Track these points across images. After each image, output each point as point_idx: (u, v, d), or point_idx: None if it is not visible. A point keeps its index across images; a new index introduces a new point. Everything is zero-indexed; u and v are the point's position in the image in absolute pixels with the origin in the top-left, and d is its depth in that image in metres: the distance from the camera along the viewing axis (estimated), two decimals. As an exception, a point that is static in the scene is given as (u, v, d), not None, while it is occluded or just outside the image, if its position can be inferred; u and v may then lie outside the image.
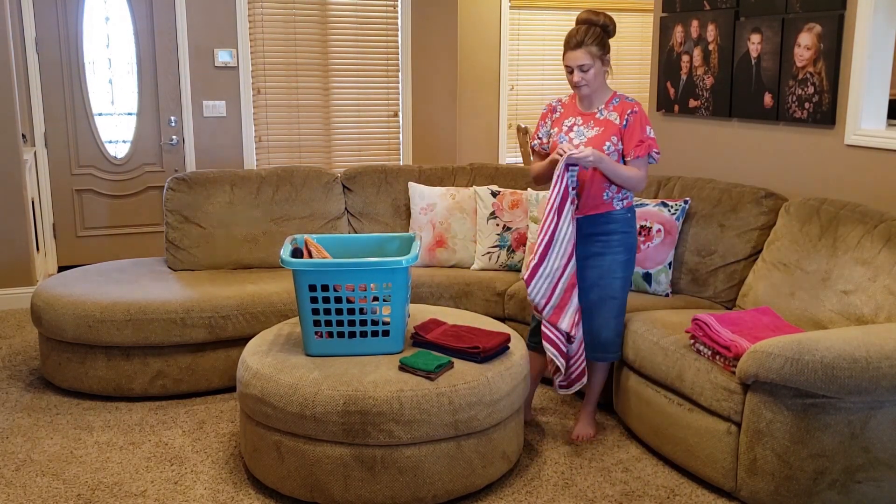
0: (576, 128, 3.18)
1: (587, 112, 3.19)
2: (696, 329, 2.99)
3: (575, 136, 3.16)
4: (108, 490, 2.93)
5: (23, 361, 4.19)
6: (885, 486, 2.66)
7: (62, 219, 5.80)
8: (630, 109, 3.12)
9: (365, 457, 2.70)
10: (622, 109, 3.14)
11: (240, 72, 5.94)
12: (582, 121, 3.18)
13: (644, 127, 3.12)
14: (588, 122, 3.16)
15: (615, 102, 3.16)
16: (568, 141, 3.17)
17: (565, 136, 3.19)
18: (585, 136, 3.15)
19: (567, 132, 3.19)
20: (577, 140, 3.15)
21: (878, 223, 3.14)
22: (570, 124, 3.20)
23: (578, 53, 3.05)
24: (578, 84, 3.09)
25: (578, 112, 3.21)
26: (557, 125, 3.23)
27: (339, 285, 2.86)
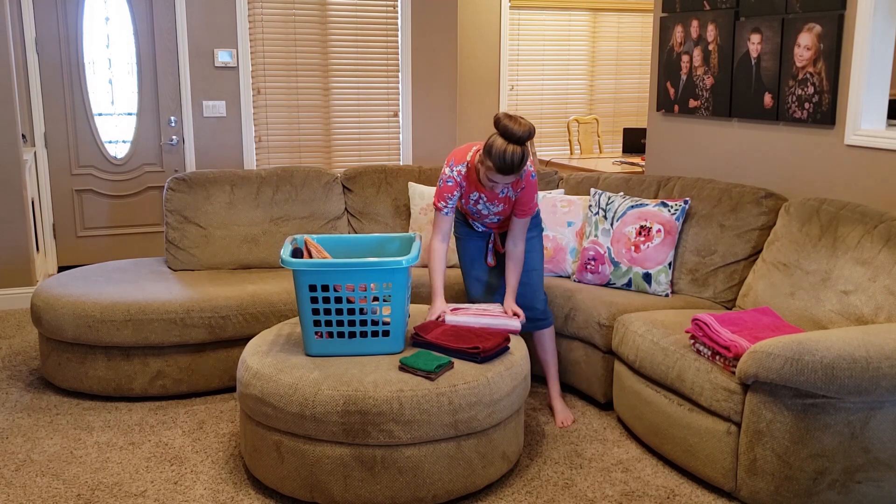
0: (481, 202, 3.34)
1: (488, 191, 3.28)
2: (695, 329, 2.99)
3: (482, 208, 3.35)
4: (108, 490, 2.93)
5: (23, 361, 4.19)
6: (885, 486, 2.66)
7: (62, 219, 5.81)
8: (520, 187, 3.25)
9: (365, 457, 2.70)
10: (515, 186, 3.26)
11: (240, 72, 5.94)
12: (487, 198, 3.32)
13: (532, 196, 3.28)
14: (493, 200, 3.32)
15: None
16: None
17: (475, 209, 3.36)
18: (493, 210, 3.36)
19: (475, 204, 3.36)
20: (484, 211, 3.36)
21: (878, 223, 3.14)
22: (476, 198, 3.34)
23: (510, 178, 3.08)
24: (494, 189, 3.16)
25: (480, 188, 3.29)
26: (464, 197, 3.37)
27: (339, 285, 2.86)
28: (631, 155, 6.93)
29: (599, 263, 3.87)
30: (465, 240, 3.57)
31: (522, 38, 8.08)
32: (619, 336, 3.38)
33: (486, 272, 3.59)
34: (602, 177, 4.32)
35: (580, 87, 8.41)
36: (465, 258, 3.58)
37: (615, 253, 3.85)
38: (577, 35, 8.28)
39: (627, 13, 8.41)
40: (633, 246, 3.82)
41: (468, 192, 3.33)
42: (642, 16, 8.44)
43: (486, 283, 3.58)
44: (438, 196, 3.30)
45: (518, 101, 8.20)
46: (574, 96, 8.40)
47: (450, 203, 3.29)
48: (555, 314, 3.74)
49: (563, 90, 8.36)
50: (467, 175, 3.28)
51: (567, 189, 4.37)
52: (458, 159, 3.29)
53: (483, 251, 3.57)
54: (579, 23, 8.26)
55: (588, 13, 8.27)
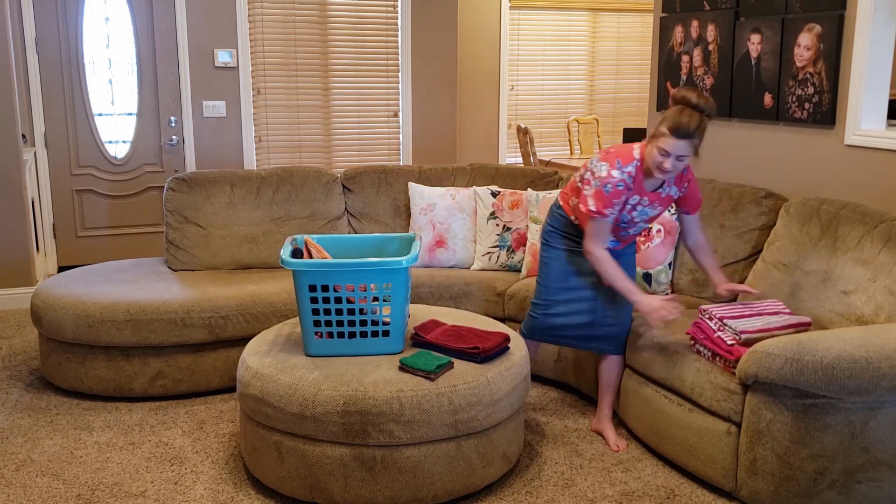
0: (640, 207, 3.07)
1: (650, 192, 3.06)
2: (696, 331, 2.99)
3: (638, 215, 3.09)
4: (108, 490, 2.93)
5: (23, 361, 4.19)
6: (885, 486, 2.66)
7: (62, 219, 5.81)
8: (686, 180, 3.10)
9: (365, 457, 2.70)
10: (680, 181, 3.09)
11: (240, 72, 5.94)
12: (648, 202, 3.07)
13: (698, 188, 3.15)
14: (653, 203, 3.08)
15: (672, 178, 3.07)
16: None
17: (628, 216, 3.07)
18: (648, 215, 3.12)
19: (631, 211, 3.07)
20: (638, 218, 3.10)
21: (878, 223, 3.14)
22: (635, 203, 3.05)
23: (683, 144, 2.85)
24: (666, 171, 2.90)
25: (644, 192, 3.04)
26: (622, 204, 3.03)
27: (339, 285, 2.86)
28: (631, 155, 6.92)
29: (599, 263, 3.87)
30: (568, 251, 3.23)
31: (522, 38, 8.07)
32: (619, 336, 3.37)
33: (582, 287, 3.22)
34: (602, 177, 4.31)
35: (580, 87, 8.41)
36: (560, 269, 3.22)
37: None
38: (577, 35, 8.28)
39: (627, 13, 8.41)
40: (633, 246, 3.82)
41: (629, 198, 3.02)
42: (642, 16, 8.44)
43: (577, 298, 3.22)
44: (604, 202, 2.96)
45: (518, 101, 8.20)
46: (574, 96, 8.40)
47: (616, 207, 2.98)
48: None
49: (563, 90, 8.36)
50: (636, 176, 2.98)
51: (567, 189, 4.37)
52: (625, 159, 2.98)
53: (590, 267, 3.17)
54: (579, 23, 8.25)
55: (588, 13, 8.27)
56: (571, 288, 3.23)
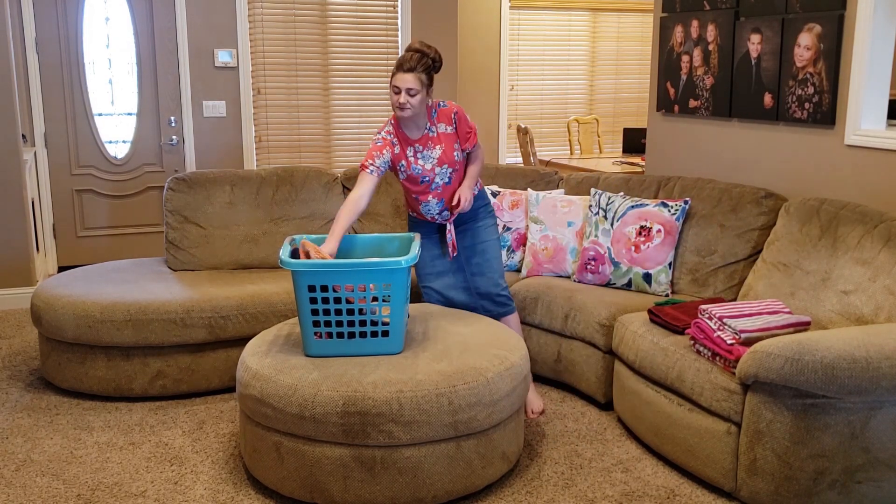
0: (419, 154, 3.38)
1: (419, 137, 3.37)
2: (696, 331, 2.99)
3: (424, 161, 3.37)
4: (108, 490, 2.93)
5: (23, 361, 4.19)
6: (885, 486, 2.66)
7: (62, 219, 5.81)
8: (452, 112, 3.40)
9: (364, 457, 2.70)
10: (446, 117, 3.39)
11: (240, 72, 5.94)
12: (421, 146, 3.37)
13: (467, 120, 3.44)
14: (427, 145, 3.38)
15: (434, 114, 3.38)
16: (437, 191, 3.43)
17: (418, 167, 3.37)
18: (434, 157, 3.38)
19: (415, 161, 3.38)
20: (428, 164, 3.38)
21: (878, 223, 3.14)
22: (412, 153, 3.38)
23: (409, 77, 3.22)
24: (403, 106, 3.25)
25: (411, 141, 3.37)
26: (403, 158, 3.38)
27: (339, 285, 2.86)
28: (631, 155, 6.93)
29: (600, 263, 3.87)
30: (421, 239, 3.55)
31: (522, 38, 8.07)
32: (619, 336, 3.38)
33: (445, 266, 3.58)
34: (602, 177, 4.32)
35: (580, 87, 8.41)
36: (423, 256, 3.56)
37: (615, 253, 3.85)
38: (577, 35, 8.28)
39: (627, 13, 8.41)
40: (633, 246, 3.82)
41: (403, 152, 3.36)
42: (642, 16, 8.44)
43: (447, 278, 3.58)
44: (367, 157, 3.34)
45: (518, 101, 8.20)
46: (574, 96, 8.40)
47: (377, 161, 3.32)
48: (555, 314, 3.74)
49: (563, 90, 8.36)
50: (396, 133, 3.37)
51: (567, 189, 4.37)
52: (383, 126, 3.42)
53: (439, 246, 3.57)
54: (579, 23, 8.25)
55: (588, 13, 8.27)
56: (439, 272, 3.58)
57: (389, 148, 3.36)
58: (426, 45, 3.28)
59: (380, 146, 3.34)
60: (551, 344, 3.81)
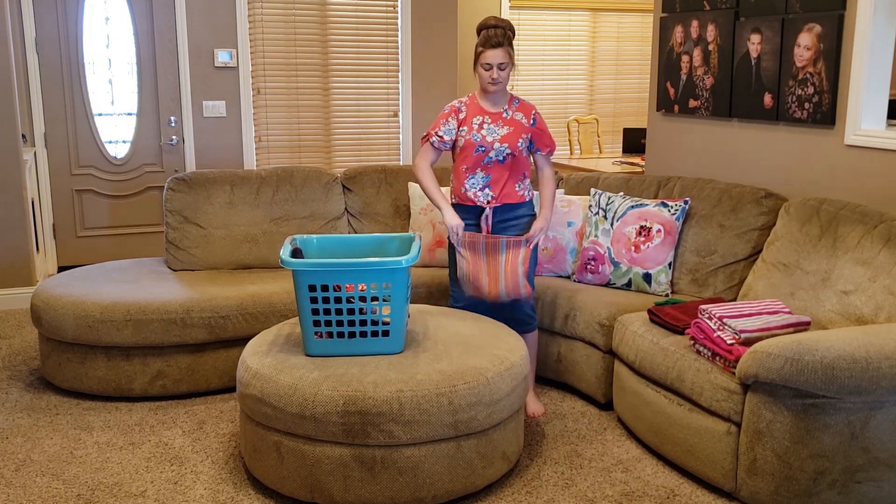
0: (485, 126, 3.41)
1: (493, 111, 3.43)
2: (696, 331, 2.99)
3: (487, 133, 3.40)
4: (108, 490, 2.93)
5: (23, 361, 4.19)
6: (885, 486, 2.66)
7: (62, 219, 5.81)
8: (533, 110, 3.48)
9: (365, 457, 2.70)
10: (526, 110, 3.46)
11: (240, 72, 5.94)
12: (490, 119, 3.42)
13: (547, 128, 3.53)
14: (497, 121, 3.42)
15: (516, 104, 3.46)
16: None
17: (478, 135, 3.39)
18: (498, 134, 3.41)
19: (479, 129, 3.41)
20: (489, 137, 3.39)
21: (878, 223, 3.14)
22: (479, 122, 3.41)
23: (499, 52, 3.31)
24: (496, 81, 3.34)
25: (484, 111, 3.43)
26: (466, 124, 3.42)
27: (339, 285, 2.86)
28: (631, 155, 6.93)
29: (599, 263, 3.88)
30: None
31: (522, 38, 8.07)
32: (619, 336, 3.38)
33: None
34: (602, 177, 4.32)
35: (580, 87, 8.41)
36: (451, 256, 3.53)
37: (615, 253, 3.85)
38: (577, 35, 8.28)
39: (627, 13, 8.41)
40: (633, 246, 3.82)
41: (470, 118, 3.40)
42: (642, 16, 8.44)
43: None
44: (434, 124, 3.43)
45: (518, 101, 8.19)
46: (574, 96, 8.40)
47: (444, 129, 3.40)
48: (555, 314, 3.74)
49: (563, 90, 8.36)
50: (470, 103, 3.43)
51: (567, 189, 4.37)
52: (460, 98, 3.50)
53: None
54: (579, 23, 8.25)
55: (588, 13, 8.27)
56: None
57: (455, 115, 3.42)
58: (500, 18, 3.35)
59: (446, 113, 3.42)
60: (551, 344, 3.81)
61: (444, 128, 3.41)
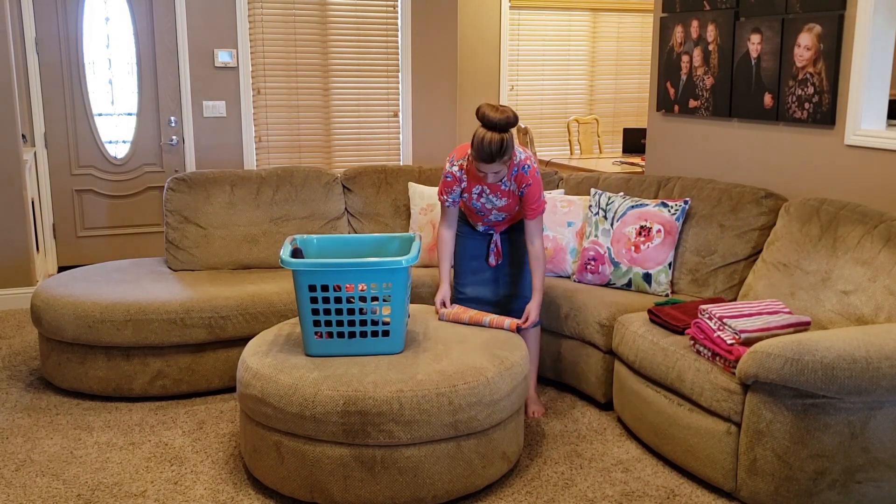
0: (484, 195, 3.38)
1: (491, 182, 3.32)
2: (696, 331, 2.99)
3: (486, 202, 3.39)
4: (108, 490, 2.93)
5: (23, 361, 4.19)
6: (885, 486, 2.66)
7: (62, 219, 5.81)
8: (525, 183, 3.32)
9: (365, 457, 2.70)
10: (519, 182, 3.33)
11: (240, 72, 5.94)
12: (489, 190, 3.36)
13: (538, 196, 3.35)
14: (496, 192, 3.36)
15: (514, 173, 3.31)
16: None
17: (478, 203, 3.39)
18: (497, 204, 3.40)
19: (478, 199, 3.39)
20: (488, 205, 3.39)
21: (878, 223, 3.14)
22: (479, 192, 3.38)
23: (494, 166, 3.16)
24: (489, 181, 3.26)
25: (483, 182, 3.34)
26: (466, 192, 3.40)
27: (339, 285, 2.86)
28: (631, 155, 6.93)
29: (599, 264, 3.88)
30: (465, 237, 3.57)
31: (522, 38, 8.07)
32: (619, 336, 3.38)
33: (484, 268, 3.58)
34: (602, 177, 4.32)
35: (580, 87, 8.41)
36: (464, 253, 3.57)
37: (615, 253, 3.85)
38: (577, 35, 8.28)
39: (627, 13, 8.41)
40: (633, 246, 3.82)
41: (470, 187, 3.38)
42: (642, 16, 8.44)
43: (481, 278, 3.57)
44: (441, 190, 3.42)
45: (518, 101, 8.19)
46: (574, 96, 8.40)
47: (451, 197, 3.41)
48: (555, 314, 3.74)
49: (563, 90, 8.36)
50: (468, 169, 3.36)
51: (567, 189, 4.37)
52: (458, 155, 3.39)
53: (484, 250, 3.57)
54: (579, 23, 8.25)
55: (588, 13, 8.27)
56: (474, 270, 3.56)
57: (458, 184, 3.37)
58: (501, 110, 3.07)
59: (449, 182, 3.37)
60: (551, 344, 3.82)
61: (450, 196, 3.40)
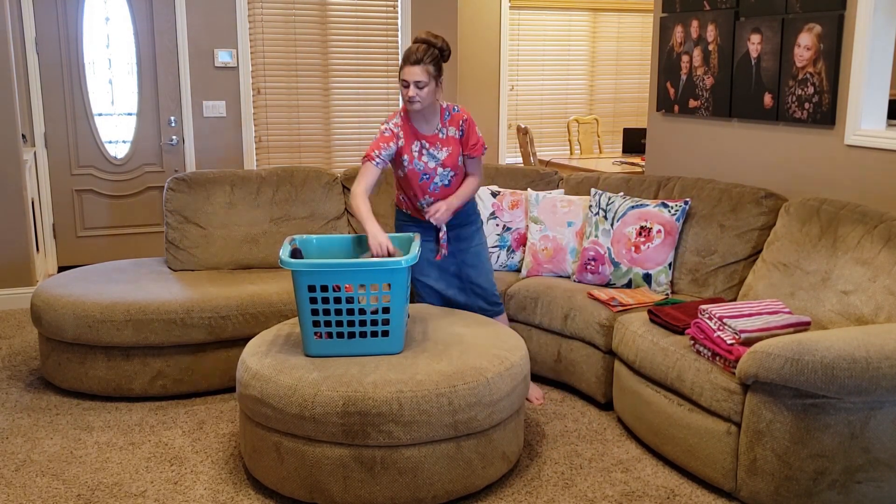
0: (425, 152, 3.37)
1: (429, 134, 3.37)
2: (696, 331, 2.99)
3: (428, 160, 3.37)
4: (108, 490, 2.93)
5: (23, 361, 4.19)
6: (885, 486, 2.66)
7: (62, 219, 5.81)
8: (461, 119, 3.39)
9: (364, 458, 2.70)
10: (456, 122, 3.38)
11: (240, 72, 5.94)
12: (428, 144, 3.37)
13: (476, 132, 3.42)
14: (435, 144, 3.37)
15: (447, 117, 3.38)
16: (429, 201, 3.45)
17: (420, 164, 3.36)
18: (439, 158, 3.38)
19: (419, 157, 3.37)
20: (431, 163, 3.37)
21: (878, 223, 3.14)
22: (419, 149, 3.36)
23: (416, 70, 3.20)
24: (412, 99, 3.24)
25: (420, 135, 3.36)
26: (406, 152, 3.36)
27: (339, 285, 2.86)
28: (631, 155, 6.93)
29: (600, 264, 3.87)
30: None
31: (522, 38, 8.07)
32: (619, 336, 3.38)
33: (438, 278, 3.58)
34: (602, 177, 4.32)
35: (580, 87, 8.41)
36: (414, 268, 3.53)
37: (615, 253, 3.85)
38: (577, 35, 8.28)
39: (627, 13, 8.41)
40: (633, 246, 3.82)
41: (408, 145, 3.34)
42: (642, 16, 8.44)
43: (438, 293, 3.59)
44: (372, 146, 3.30)
45: (518, 101, 8.20)
46: (574, 96, 8.40)
47: (383, 153, 3.29)
48: (555, 314, 3.74)
49: (563, 90, 8.36)
50: (404, 126, 3.34)
51: (567, 189, 4.37)
52: (392, 116, 3.38)
53: (433, 251, 3.55)
54: (579, 23, 8.25)
55: (588, 13, 8.27)
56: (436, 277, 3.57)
57: (395, 140, 3.33)
58: (433, 34, 3.26)
59: (387, 137, 3.31)
60: (551, 344, 3.82)
61: (385, 152, 3.30)
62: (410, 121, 3.37)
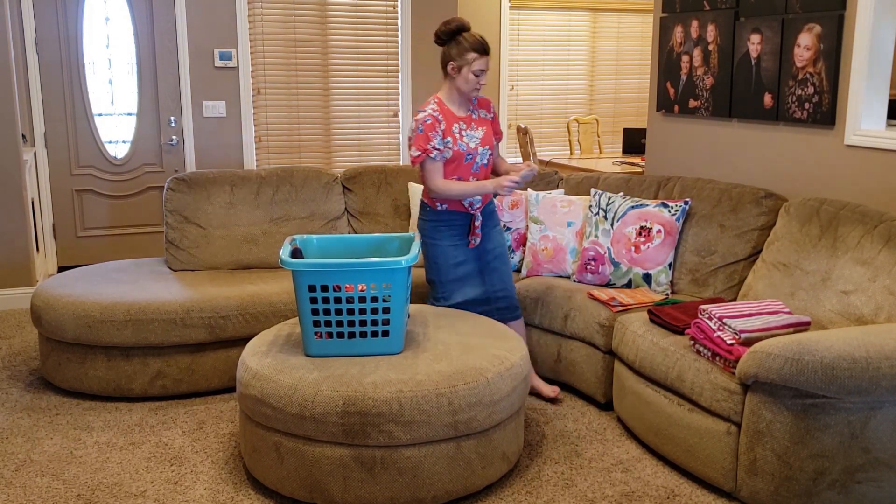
0: (464, 132, 3.42)
1: (463, 115, 3.45)
2: (695, 331, 2.99)
3: (469, 140, 3.43)
4: (108, 490, 2.93)
5: (23, 361, 4.19)
6: (885, 486, 2.66)
7: (62, 219, 5.81)
8: (489, 103, 3.57)
9: (364, 458, 2.70)
10: (485, 105, 3.55)
11: (240, 72, 5.94)
12: (465, 125, 3.44)
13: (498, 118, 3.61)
14: (471, 125, 3.46)
15: (474, 101, 3.52)
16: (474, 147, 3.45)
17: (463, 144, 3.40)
18: (477, 138, 3.46)
19: (461, 137, 3.41)
20: (472, 143, 3.42)
21: (878, 223, 3.14)
22: (458, 130, 3.41)
23: (488, 59, 3.40)
24: (482, 86, 3.41)
25: (457, 117, 3.43)
26: (449, 134, 3.39)
27: (339, 285, 2.86)
28: (631, 155, 6.93)
29: (599, 264, 3.88)
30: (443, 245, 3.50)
31: (522, 38, 8.08)
32: (619, 336, 3.38)
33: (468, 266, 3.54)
34: (602, 177, 4.32)
35: (580, 87, 8.41)
36: (445, 262, 3.50)
37: (615, 253, 3.85)
38: (577, 35, 8.28)
39: (627, 13, 8.41)
40: (633, 246, 3.82)
41: (450, 128, 3.38)
42: (642, 16, 8.44)
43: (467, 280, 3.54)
44: (423, 140, 3.31)
45: (518, 101, 8.20)
46: (574, 96, 8.40)
47: (436, 141, 3.32)
48: (554, 314, 3.75)
49: (563, 90, 8.36)
50: (441, 110, 3.39)
51: (567, 189, 4.37)
52: (424, 105, 3.42)
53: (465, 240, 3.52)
54: (579, 23, 8.26)
55: (588, 13, 8.27)
56: (459, 278, 3.54)
57: (438, 125, 3.35)
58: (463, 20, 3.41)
59: (430, 124, 3.33)
60: (551, 344, 3.82)
61: (435, 141, 3.31)
62: (447, 105, 3.43)
